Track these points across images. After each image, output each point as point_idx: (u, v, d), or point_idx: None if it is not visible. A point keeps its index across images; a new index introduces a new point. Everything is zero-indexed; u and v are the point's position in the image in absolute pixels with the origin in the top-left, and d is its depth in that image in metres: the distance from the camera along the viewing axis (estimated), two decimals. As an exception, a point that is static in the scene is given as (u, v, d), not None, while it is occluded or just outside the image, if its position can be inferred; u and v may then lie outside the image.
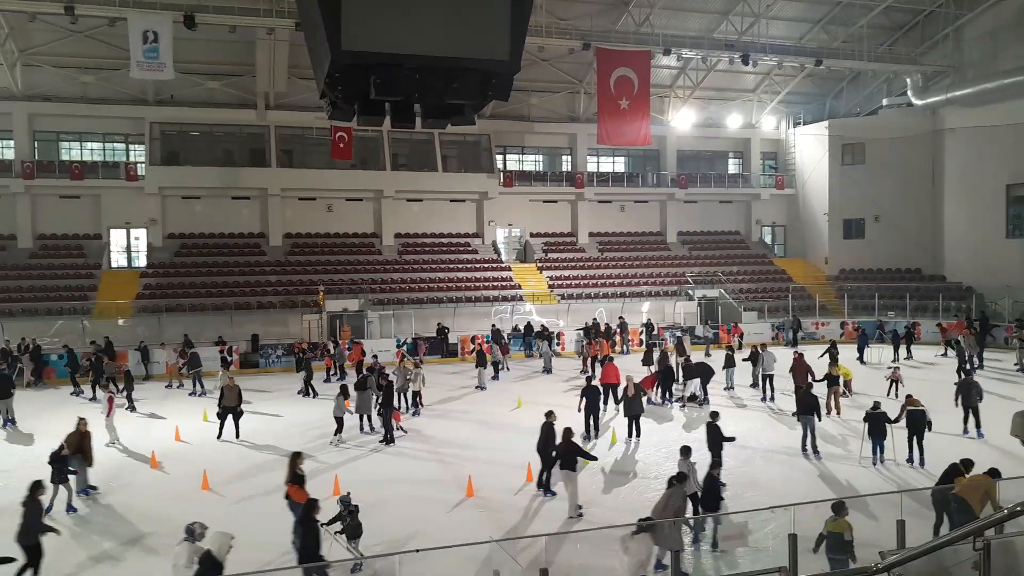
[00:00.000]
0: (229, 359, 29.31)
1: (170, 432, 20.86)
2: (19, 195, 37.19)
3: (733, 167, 50.19)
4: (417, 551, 10.64)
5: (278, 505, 13.50)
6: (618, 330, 35.42)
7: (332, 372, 30.04)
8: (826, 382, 21.89)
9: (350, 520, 11.82)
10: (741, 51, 38.06)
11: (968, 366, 27.50)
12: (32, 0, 30.26)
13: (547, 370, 30.58)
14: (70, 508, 14.84)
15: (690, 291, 41.68)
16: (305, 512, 11.03)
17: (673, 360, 26.37)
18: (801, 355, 23.25)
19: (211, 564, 9.21)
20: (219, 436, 20.11)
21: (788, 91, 46.29)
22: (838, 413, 21.56)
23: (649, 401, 24.01)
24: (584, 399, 20.09)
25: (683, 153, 48.10)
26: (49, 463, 14.74)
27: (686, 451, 13.83)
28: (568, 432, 14.92)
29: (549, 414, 15.93)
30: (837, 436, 19.72)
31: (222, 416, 20.20)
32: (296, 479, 13.12)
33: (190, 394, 26.73)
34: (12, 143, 37.72)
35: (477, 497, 15.20)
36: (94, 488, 15.85)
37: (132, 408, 23.78)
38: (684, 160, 48.28)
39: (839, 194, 45.68)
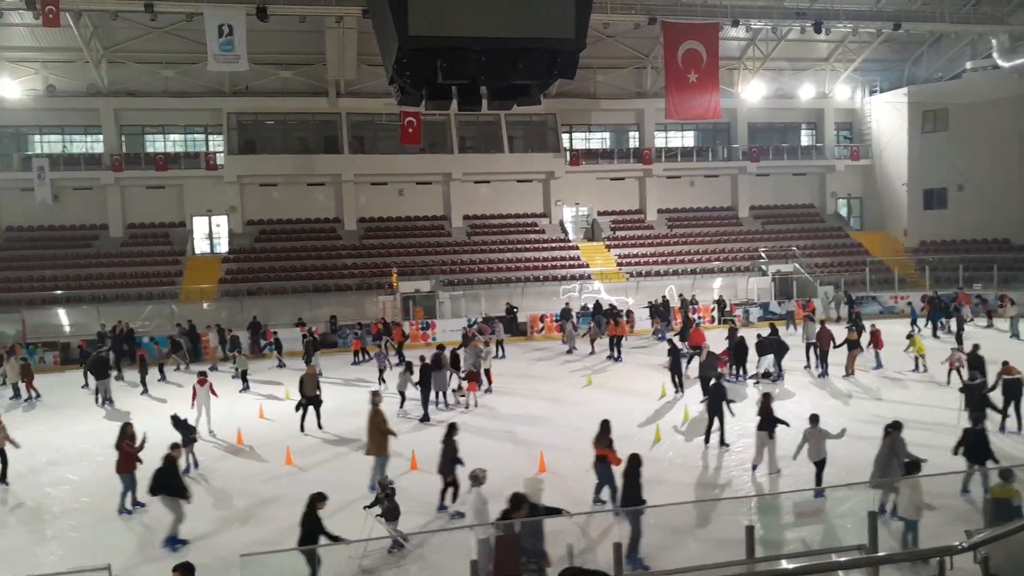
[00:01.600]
0: (316, 340, 28.98)
1: (255, 410, 21.79)
2: (109, 187, 39.10)
3: (806, 139, 48.77)
4: (493, 524, 10.97)
5: (357, 477, 14.03)
6: (675, 308, 34.60)
7: (359, 356, 29.97)
8: (846, 346, 23.97)
9: (387, 503, 11.93)
10: (813, 19, 36.89)
11: None
12: None
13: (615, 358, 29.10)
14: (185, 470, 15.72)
15: (763, 266, 40.89)
16: (631, 466, 11.76)
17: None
18: (823, 323, 25.59)
19: (517, 501, 10.01)
20: (302, 428, 19.24)
21: (863, 58, 44.61)
22: (851, 374, 23.76)
23: (722, 378, 23.83)
24: (670, 359, 22.20)
25: (754, 125, 46.99)
26: (174, 427, 15.93)
27: (814, 419, 14.00)
28: (767, 397, 15.33)
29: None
30: (929, 412, 19.21)
31: (303, 407, 19.32)
32: (610, 443, 13.47)
33: (233, 377, 26.35)
34: (101, 137, 39.65)
35: (550, 472, 15.44)
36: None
37: (145, 391, 24.94)
38: (755, 133, 47.17)
39: (919, 163, 43.94)
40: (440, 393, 21.41)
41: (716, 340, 26.78)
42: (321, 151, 41.69)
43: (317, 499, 10.83)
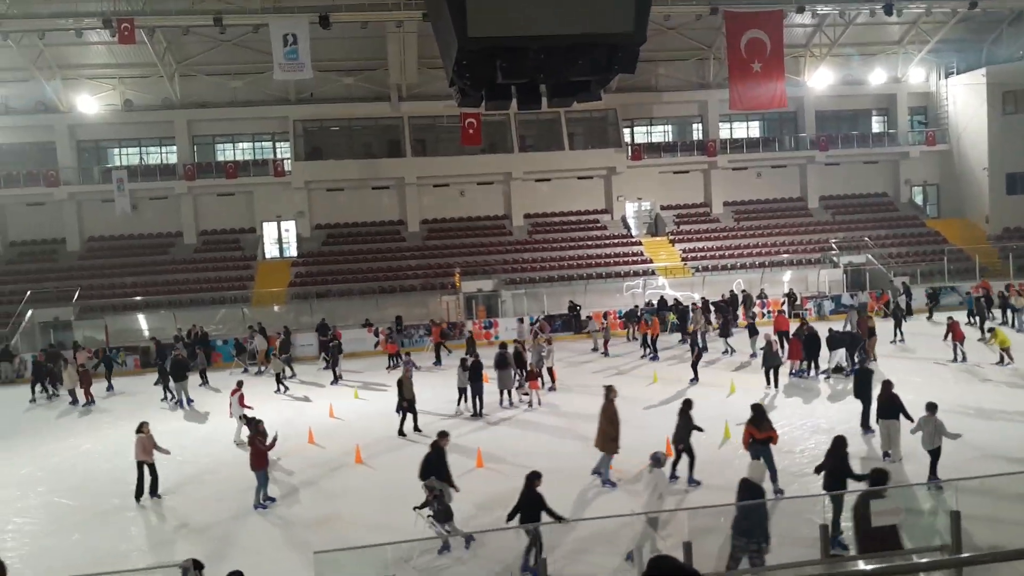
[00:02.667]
0: (340, 344, 29.00)
1: (324, 409, 22.26)
2: (183, 195, 40.54)
3: (877, 125, 47.15)
4: (562, 520, 10.96)
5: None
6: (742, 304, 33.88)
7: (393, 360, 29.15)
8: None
9: (438, 504, 11.94)
10: (883, 1, 35.61)
11: None
12: (186, 15, 32.79)
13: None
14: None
15: (834, 258, 39.72)
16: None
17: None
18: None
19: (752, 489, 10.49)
20: (400, 431, 19.00)
21: (938, 39, 42.83)
22: (873, 360, 23.69)
23: (792, 373, 23.32)
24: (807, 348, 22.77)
25: (822, 114, 45.66)
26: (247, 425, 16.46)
27: (932, 407, 13.97)
28: (887, 384, 15.33)
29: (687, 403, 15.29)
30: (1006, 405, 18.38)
31: (405, 410, 19.05)
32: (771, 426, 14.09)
33: (289, 377, 26.97)
34: (175, 148, 41.13)
35: (614, 470, 15.31)
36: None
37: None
38: (823, 121, 45.83)
39: (1001, 147, 42.00)
40: (505, 391, 21.50)
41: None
42: (384, 155, 42.36)
43: (535, 478, 11.19)
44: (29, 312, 34.40)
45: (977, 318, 29.39)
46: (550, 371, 23.67)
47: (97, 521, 14.65)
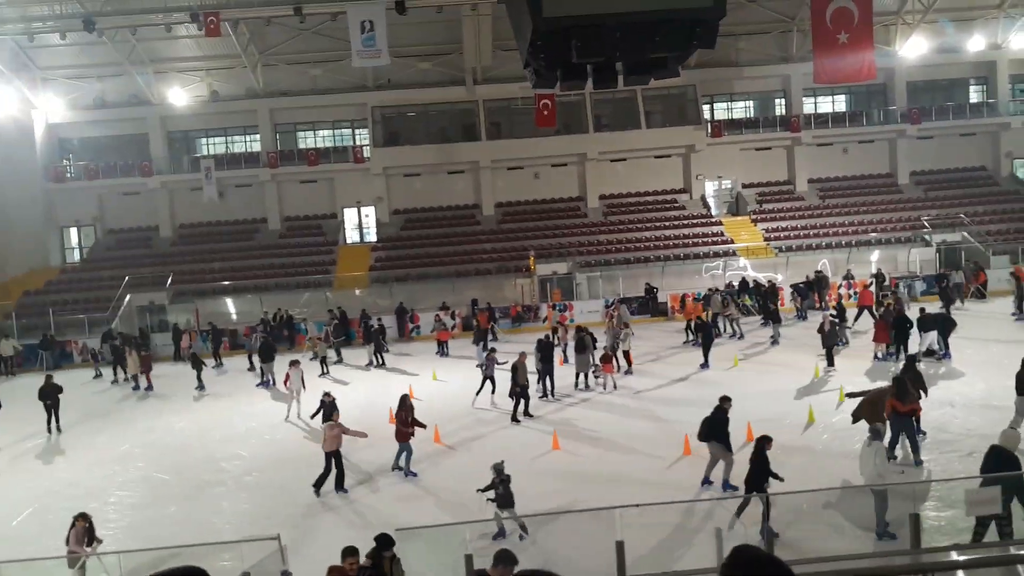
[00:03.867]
0: (383, 328, 29.55)
1: (404, 390, 22.63)
2: (267, 183, 41.80)
3: (975, 95, 44.62)
4: (638, 506, 10.88)
5: (502, 455, 14.29)
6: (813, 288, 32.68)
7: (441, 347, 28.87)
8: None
9: (502, 489, 11.81)
10: (982, -38, 33.53)
11: None
12: (267, 6, 33.62)
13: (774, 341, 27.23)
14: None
15: (926, 236, 37.93)
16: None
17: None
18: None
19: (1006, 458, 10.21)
20: (514, 417, 18.70)
21: (1044, 1, 40.16)
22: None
23: (878, 357, 22.47)
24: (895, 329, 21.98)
25: (914, 84, 43.48)
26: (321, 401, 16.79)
27: None
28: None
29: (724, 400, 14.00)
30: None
31: (519, 395, 18.77)
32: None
33: (335, 362, 27.61)
34: (258, 136, 42.40)
35: (695, 455, 15.10)
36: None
37: (201, 387, 25.23)
38: (915, 92, 43.65)
39: (1114, 115, 39.19)
40: (582, 375, 21.45)
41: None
42: (460, 139, 42.61)
43: (766, 441, 11.66)
44: (128, 297, 36.20)
45: None
46: (626, 354, 23.45)
47: (192, 495, 15.35)
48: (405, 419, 15.18)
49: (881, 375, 20.79)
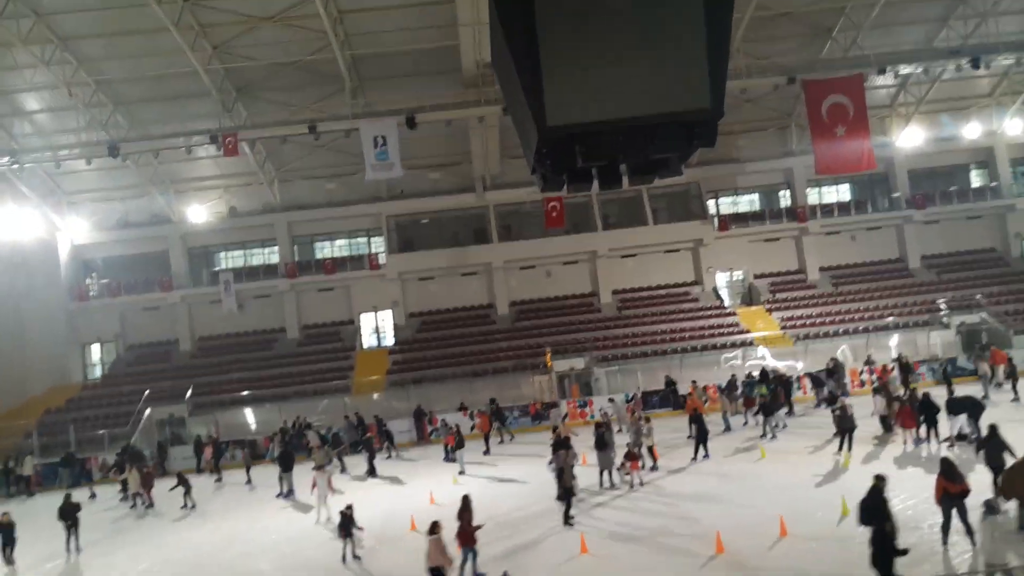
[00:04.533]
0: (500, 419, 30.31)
1: (425, 496, 22.32)
2: (285, 293, 42.56)
3: (976, 179, 45.38)
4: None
5: (524, 558, 14.00)
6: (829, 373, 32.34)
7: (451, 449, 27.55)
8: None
9: None
10: (968, 55, 34.82)
11: None
12: (283, 125, 35.19)
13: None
14: (355, 556, 16.77)
15: (944, 319, 37.76)
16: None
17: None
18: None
19: None
20: (567, 522, 17.84)
21: (1034, 87, 41.39)
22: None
23: (906, 442, 22.02)
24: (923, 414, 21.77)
25: (915, 172, 44.36)
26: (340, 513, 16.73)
27: None
28: None
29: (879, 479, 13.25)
30: None
31: (566, 498, 18.01)
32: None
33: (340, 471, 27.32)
34: (276, 248, 43.45)
35: (727, 553, 14.68)
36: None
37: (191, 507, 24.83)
38: (917, 179, 44.47)
39: (1117, 192, 39.60)
40: (606, 472, 21.09)
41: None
42: (472, 242, 43.49)
43: (881, 481, 12.07)
44: (148, 410, 36.32)
45: None
46: (650, 450, 23.09)
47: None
48: (469, 521, 14.86)
49: (911, 460, 20.35)
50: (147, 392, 37.25)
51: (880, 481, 12.70)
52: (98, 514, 25.82)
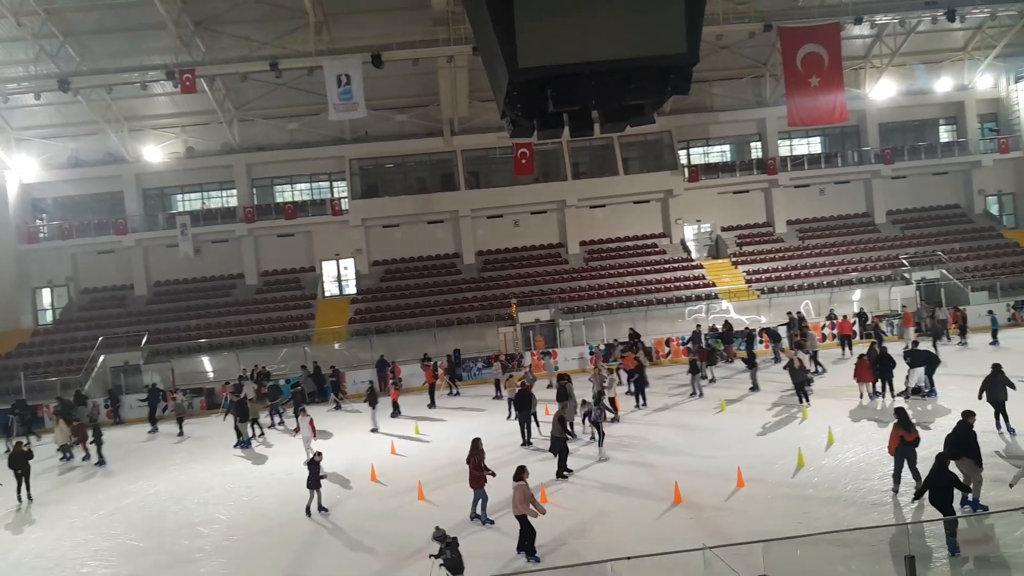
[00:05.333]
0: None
1: (386, 447, 22.17)
2: (244, 238, 41.53)
3: (945, 135, 45.56)
4: (629, 558, 10.50)
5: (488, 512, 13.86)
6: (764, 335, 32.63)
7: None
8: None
9: (450, 554, 11.19)
10: (945, 7, 34.54)
11: None
12: (243, 62, 33.81)
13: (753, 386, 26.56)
14: (321, 508, 16.52)
15: (906, 274, 38.22)
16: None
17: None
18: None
19: None
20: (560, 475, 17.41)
21: (1005, 43, 41.28)
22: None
23: (863, 395, 22.30)
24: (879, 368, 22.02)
25: (886, 126, 44.37)
26: (306, 465, 16.42)
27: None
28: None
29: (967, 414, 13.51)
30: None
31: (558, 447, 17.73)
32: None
33: (269, 427, 26.68)
34: (235, 192, 42.25)
35: (685, 503, 14.76)
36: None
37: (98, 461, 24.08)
38: (887, 133, 44.51)
39: (1080, 151, 40.06)
40: (569, 424, 21.02)
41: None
42: (439, 189, 42.70)
43: (944, 458, 11.73)
44: (101, 357, 35.48)
45: None
46: (612, 402, 23.10)
47: (168, 564, 14.69)
48: (478, 464, 14.79)
49: (867, 414, 20.62)
50: (100, 339, 36.32)
51: (969, 416, 13.21)
52: (51, 462, 25.31)
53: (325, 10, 34.66)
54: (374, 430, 24.48)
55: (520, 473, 13.18)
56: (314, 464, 16.37)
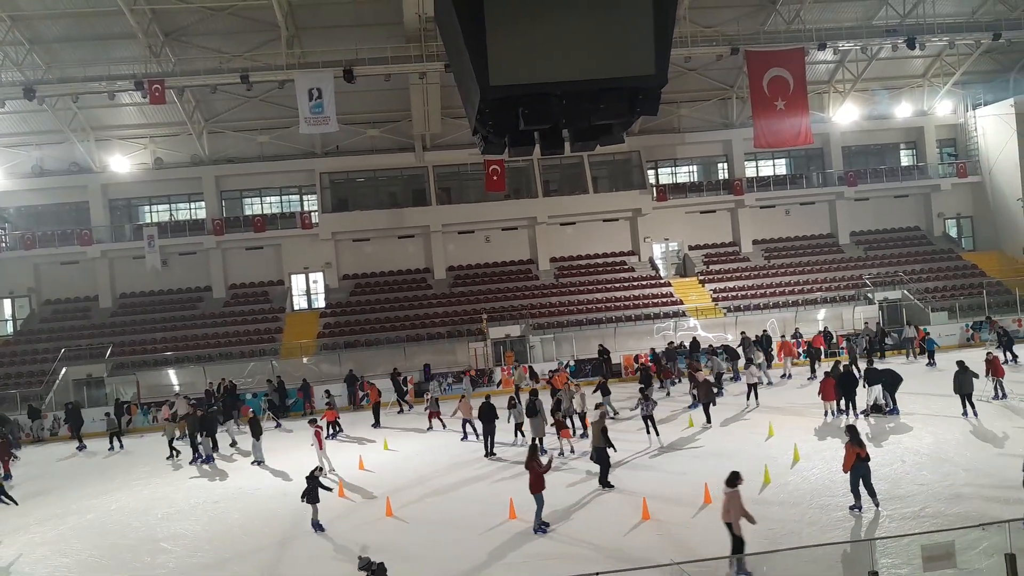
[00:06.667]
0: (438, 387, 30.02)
1: (354, 461, 21.99)
2: (212, 250, 41.07)
3: (906, 159, 46.67)
4: (598, 574, 10.55)
5: (457, 528, 13.82)
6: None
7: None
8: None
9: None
10: (905, 35, 35.52)
11: None
12: (213, 74, 33.60)
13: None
14: (316, 524, 16.10)
15: (869, 294, 38.98)
16: None
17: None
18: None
19: None
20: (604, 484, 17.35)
21: (963, 71, 42.60)
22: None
23: (827, 413, 22.67)
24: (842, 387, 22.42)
25: (849, 149, 45.37)
26: (306, 479, 16.09)
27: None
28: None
29: None
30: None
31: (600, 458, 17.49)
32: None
33: (190, 461, 24.33)
34: (203, 204, 41.81)
35: (653, 519, 14.86)
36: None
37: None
38: (851, 156, 45.50)
39: (1034, 177, 41.25)
40: (539, 439, 21.07)
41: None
42: (410, 204, 42.66)
43: None
44: (63, 370, 34.77)
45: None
46: (582, 417, 23.20)
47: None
48: (537, 467, 14.65)
49: (832, 432, 20.94)
50: (63, 350, 35.62)
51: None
52: (29, 472, 24.74)
53: (297, 24, 34.65)
54: (257, 462, 22.99)
55: (734, 479, 12.48)
56: (313, 478, 16.11)
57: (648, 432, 21.09)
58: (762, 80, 36.55)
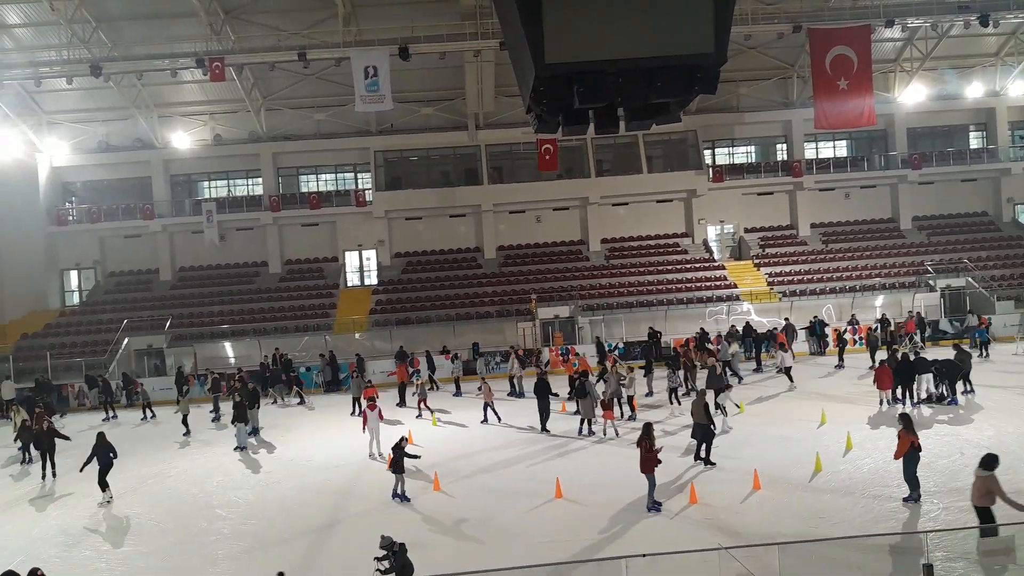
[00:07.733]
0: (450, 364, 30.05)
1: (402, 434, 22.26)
2: (268, 226, 41.88)
3: (975, 141, 44.92)
4: (644, 555, 10.52)
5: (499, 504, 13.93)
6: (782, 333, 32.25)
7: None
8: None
9: (396, 560, 10.74)
10: (978, 12, 34.02)
11: None
12: (272, 52, 34.08)
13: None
14: (396, 495, 16.34)
15: (931, 281, 37.79)
16: None
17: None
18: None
19: None
20: (707, 460, 17.47)
21: (1040, 49, 40.68)
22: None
23: (883, 402, 22.14)
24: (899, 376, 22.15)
25: (914, 131, 43.83)
26: (392, 450, 16.35)
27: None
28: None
29: None
30: None
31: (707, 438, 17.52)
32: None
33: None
34: (261, 180, 42.61)
35: (700, 505, 14.75)
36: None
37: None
38: (916, 138, 43.97)
39: (1114, 161, 39.34)
40: (587, 421, 21.10)
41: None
42: (462, 183, 42.81)
43: None
44: (126, 340, 35.99)
45: None
46: (630, 400, 23.10)
47: (186, 543, 14.93)
48: (649, 447, 14.66)
49: (886, 421, 20.45)
50: (125, 321, 36.84)
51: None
52: (76, 439, 25.68)
53: (354, 1, 34.85)
54: (240, 448, 22.52)
55: (991, 462, 11.41)
56: (399, 448, 16.23)
57: (671, 403, 23.46)
58: (825, 59, 35.46)
